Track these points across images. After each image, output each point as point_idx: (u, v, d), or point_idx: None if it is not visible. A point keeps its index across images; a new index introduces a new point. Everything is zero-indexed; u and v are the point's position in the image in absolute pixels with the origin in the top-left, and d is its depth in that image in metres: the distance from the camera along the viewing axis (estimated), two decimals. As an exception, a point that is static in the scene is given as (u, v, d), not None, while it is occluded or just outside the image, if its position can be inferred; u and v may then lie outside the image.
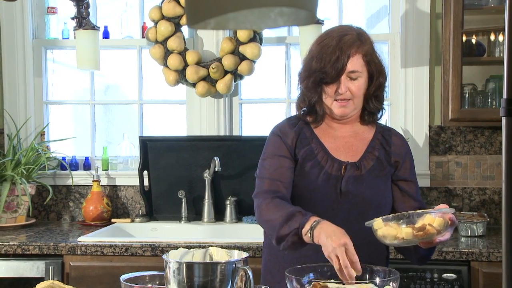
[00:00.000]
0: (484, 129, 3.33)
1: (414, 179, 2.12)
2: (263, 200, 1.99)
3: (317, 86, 2.01)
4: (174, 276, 1.49)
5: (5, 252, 2.88)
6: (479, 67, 3.28)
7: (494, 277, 2.68)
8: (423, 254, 2.01)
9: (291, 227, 1.86)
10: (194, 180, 3.41)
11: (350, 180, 2.01)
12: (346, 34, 2.00)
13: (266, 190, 2.00)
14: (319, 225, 1.80)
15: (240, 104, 3.56)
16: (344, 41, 1.98)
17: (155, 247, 2.82)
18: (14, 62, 3.56)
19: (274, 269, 2.08)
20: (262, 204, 1.98)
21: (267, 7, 1.01)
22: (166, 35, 3.40)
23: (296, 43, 3.49)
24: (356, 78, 2.00)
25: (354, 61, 1.98)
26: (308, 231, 1.81)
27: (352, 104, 2.03)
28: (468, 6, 3.10)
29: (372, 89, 2.04)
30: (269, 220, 1.94)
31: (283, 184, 2.01)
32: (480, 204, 3.33)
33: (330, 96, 2.02)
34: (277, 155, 2.05)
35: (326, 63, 1.97)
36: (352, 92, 2.00)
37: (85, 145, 3.67)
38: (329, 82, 1.99)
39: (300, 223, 1.84)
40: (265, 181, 2.03)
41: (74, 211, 3.57)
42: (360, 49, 2.00)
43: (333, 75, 1.97)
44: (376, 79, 2.04)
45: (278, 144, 2.07)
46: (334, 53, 1.97)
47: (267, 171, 2.04)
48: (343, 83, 1.99)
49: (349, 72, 1.98)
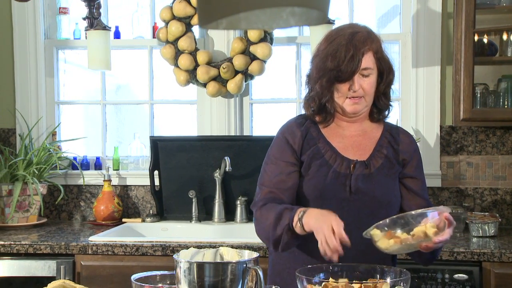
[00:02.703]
0: (496, 129, 3.32)
1: (420, 177, 2.10)
2: (256, 210, 2.03)
3: (331, 85, 2.01)
4: (185, 276, 1.49)
5: (17, 252, 2.89)
6: (491, 66, 3.26)
7: (506, 278, 2.66)
8: (427, 257, 2.00)
9: (282, 225, 1.90)
10: (205, 180, 3.41)
11: (360, 178, 2.01)
12: (357, 31, 2.00)
13: (261, 199, 2.03)
14: (306, 213, 1.86)
15: (250, 104, 3.56)
16: (357, 38, 1.98)
17: (166, 247, 2.83)
18: (26, 62, 3.58)
19: (283, 271, 2.08)
20: (256, 215, 2.02)
21: (278, 7, 1.01)
22: (177, 35, 3.41)
23: (306, 43, 3.48)
24: (368, 75, 2.00)
25: (367, 58, 1.99)
26: (297, 221, 1.86)
27: (364, 101, 2.03)
28: (480, 5, 3.09)
29: (382, 86, 2.05)
30: (262, 229, 1.99)
31: (282, 191, 2.03)
32: (491, 204, 3.31)
33: (343, 94, 2.01)
34: (280, 160, 2.06)
35: (341, 61, 1.96)
36: (364, 90, 2.00)
37: (96, 145, 3.68)
38: (344, 80, 1.99)
39: (289, 218, 1.89)
40: (263, 190, 2.05)
41: (85, 210, 3.58)
42: (372, 46, 2.00)
43: (348, 72, 1.97)
44: (386, 76, 2.04)
45: (282, 148, 2.07)
46: (349, 50, 1.96)
47: (268, 177, 2.06)
48: (356, 80, 1.99)
49: (362, 69, 1.98)
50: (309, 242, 2.00)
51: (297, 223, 1.86)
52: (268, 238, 1.97)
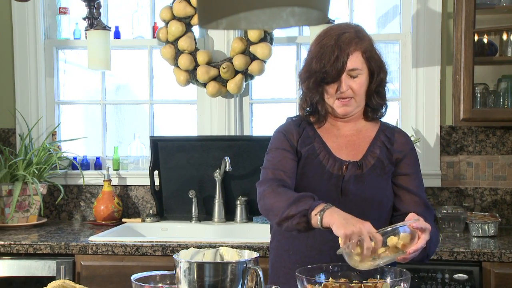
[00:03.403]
0: (496, 129, 3.32)
1: (414, 175, 2.07)
2: (268, 186, 1.97)
3: (318, 86, 2.01)
4: (185, 276, 1.49)
5: (17, 251, 2.89)
6: (491, 66, 3.26)
7: (506, 278, 2.66)
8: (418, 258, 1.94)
9: (300, 208, 1.83)
10: (205, 180, 3.41)
11: (351, 179, 2.01)
12: (344, 32, 2.00)
13: (271, 178, 2.00)
14: (331, 208, 1.79)
15: (250, 104, 3.56)
16: (342, 39, 1.98)
17: (166, 246, 2.83)
18: (26, 62, 3.58)
19: (280, 270, 2.08)
20: (267, 190, 1.97)
21: (278, 7, 1.01)
22: (177, 35, 3.41)
23: (306, 43, 3.48)
24: (356, 75, 1.99)
25: (354, 59, 1.98)
26: (319, 212, 1.79)
27: (354, 102, 2.03)
28: (480, 5, 3.09)
29: (373, 85, 2.04)
30: (274, 203, 1.92)
31: (286, 174, 2.01)
32: (491, 204, 3.31)
33: (332, 95, 2.02)
34: (280, 149, 2.06)
35: (326, 63, 1.97)
36: (353, 90, 2.00)
37: (96, 145, 3.68)
38: (330, 81, 1.99)
39: (310, 205, 1.82)
40: (269, 171, 2.03)
41: (85, 210, 3.58)
42: (358, 46, 1.99)
43: (333, 74, 1.97)
44: (377, 75, 2.03)
45: (281, 140, 2.08)
46: (333, 52, 1.96)
47: (271, 163, 2.05)
48: (344, 81, 1.98)
49: (349, 70, 1.98)
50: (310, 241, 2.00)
51: (317, 214, 1.79)
52: (277, 214, 1.90)
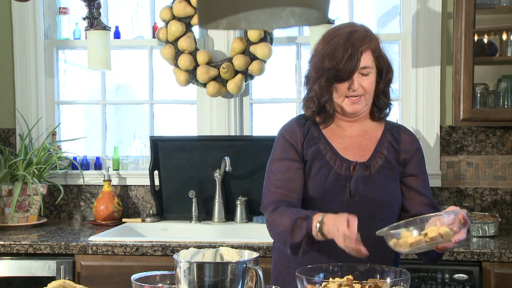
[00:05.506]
0: (495, 129, 3.32)
1: (421, 175, 2.09)
2: (269, 213, 2.01)
3: (329, 84, 2.01)
4: (185, 276, 1.49)
5: (16, 251, 2.89)
6: (491, 66, 3.26)
7: (506, 278, 2.66)
8: (434, 256, 2.00)
9: (301, 235, 1.88)
10: (205, 180, 3.41)
11: (360, 180, 2.00)
12: (355, 30, 2.00)
13: (271, 202, 2.02)
14: (324, 224, 1.83)
15: (250, 104, 3.56)
16: (355, 37, 1.98)
17: (166, 247, 2.83)
18: (26, 62, 3.58)
19: (284, 270, 2.08)
20: (269, 219, 2.01)
21: (278, 7, 1.01)
22: (177, 35, 3.41)
23: (306, 43, 3.48)
24: (367, 74, 1.99)
25: (366, 57, 1.98)
26: (317, 233, 1.84)
27: (364, 100, 2.02)
28: (480, 5, 3.09)
29: (382, 85, 2.04)
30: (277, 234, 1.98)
31: (291, 189, 2.02)
32: (491, 204, 3.31)
33: (342, 94, 2.01)
34: (285, 159, 2.05)
35: (339, 61, 1.96)
36: (364, 88, 2.00)
37: (96, 145, 3.68)
38: (343, 79, 1.98)
39: (306, 228, 1.86)
40: (271, 191, 2.04)
41: (85, 210, 3.58)
42: (370, 44, 1.99)
43: (347, 72, 1.96)
44: (385, 74, 2.04)
45: (285, 147, 2.07)
46: (347, 50, 1.96)
47: (274, 177, 2.04)
48: (356, 79, 1.98)
49: (361, 68, 1.98)
50: None
51: (317, 234, 1.84)
52: (285, 244, 1.95)
